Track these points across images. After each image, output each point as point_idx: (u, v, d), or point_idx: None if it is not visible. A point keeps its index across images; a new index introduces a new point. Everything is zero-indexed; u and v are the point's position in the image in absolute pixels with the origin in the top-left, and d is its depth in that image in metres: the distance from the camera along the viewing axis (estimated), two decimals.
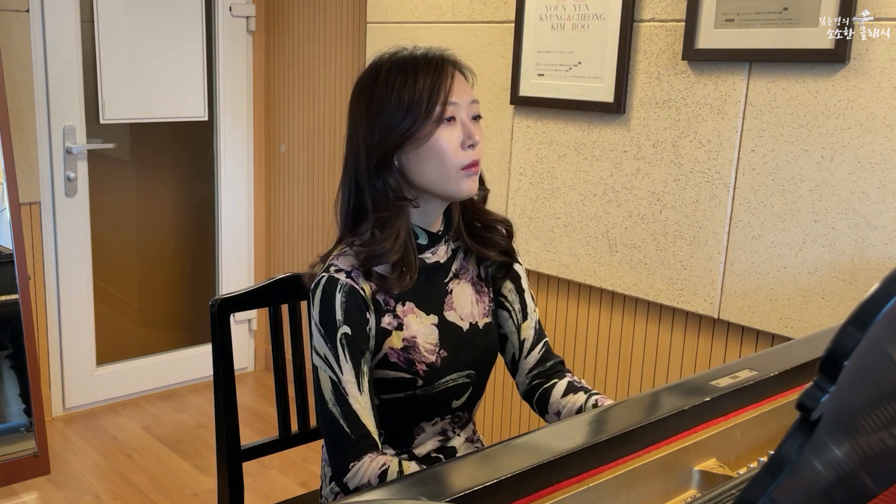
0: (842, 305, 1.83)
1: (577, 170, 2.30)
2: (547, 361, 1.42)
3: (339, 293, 1.22)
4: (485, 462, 0.94)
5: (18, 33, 2.86)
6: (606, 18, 2.17)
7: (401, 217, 1.26)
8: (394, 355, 1.27)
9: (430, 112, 1.21)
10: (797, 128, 1.86)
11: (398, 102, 1.22)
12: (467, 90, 1.27)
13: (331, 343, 1.22)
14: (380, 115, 1.23)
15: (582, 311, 2.38)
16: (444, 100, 1.22)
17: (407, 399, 1.30)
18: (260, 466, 2.83)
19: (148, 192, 3.56)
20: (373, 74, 1.26)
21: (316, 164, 3.31)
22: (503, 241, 1.39)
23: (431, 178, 1.24)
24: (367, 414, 1.22)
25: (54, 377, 3.17)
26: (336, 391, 1.21)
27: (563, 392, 1.37)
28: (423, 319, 1.30)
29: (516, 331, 1.42)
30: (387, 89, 1.23)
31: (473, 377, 1.35)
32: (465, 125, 1.24)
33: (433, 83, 1.22)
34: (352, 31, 3.07)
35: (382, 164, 1.24)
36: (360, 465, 1.19)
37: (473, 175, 1.26)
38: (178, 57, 3.29)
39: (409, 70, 1.23)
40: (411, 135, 1.22)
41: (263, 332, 3.70)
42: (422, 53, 1.25)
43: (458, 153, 1.23)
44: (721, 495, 0.90)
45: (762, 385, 1.14)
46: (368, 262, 1.23)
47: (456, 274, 1.36)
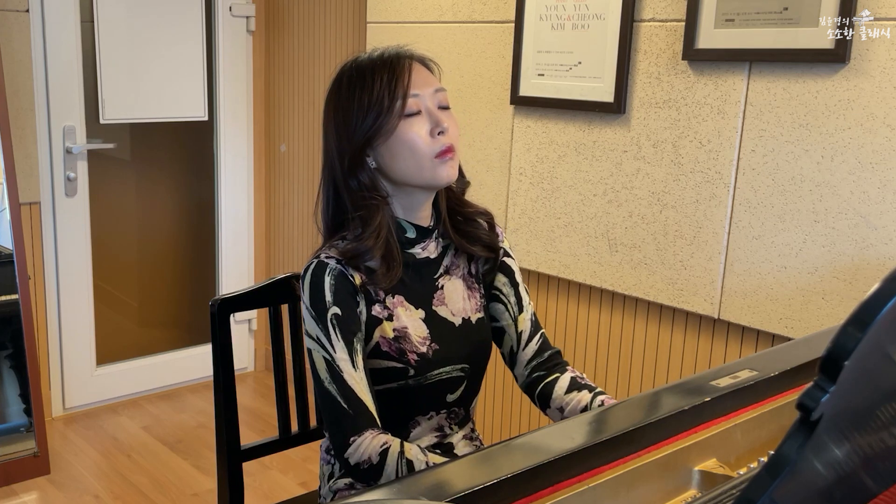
0: (842, 305, 1.83)
1: (577, 170, 2.30)
2: (545, 352, 1.44)
3: (328, 276, 1.25)
4: (485, 462, 0.94)
5: (18, 33, 2.86)
6: (606, 18, 2.17)
7: (378, 213, 1.28)
8: (385, 344, 1.29)
9: (391, 108, 1.24)
10: (797, 128, 1.86)
11: (359, 105, 1.25)
12: (430, 80, 1.29)
13: (322, 324, 1.24)
14: (346, 119, 1.27)
15: (582, 311, 2.38)
16: (404, 93, 1.25)
17: (400, 390, 1.31)
18: (260, 466, 2.83)
19: (148, 192, 3.56)
20: (336, 84, 1.31)
21: (316, 164, 3.31)
22: (485, 234, 1.41)
23: (407, 171, 1.27)
24: (363, 389, 1.23)
25: (54, 377, 3.17)
26: (331, 370, 1.23)
27: (566, 388, 1.37)
28: (411, 313, 1.32)
29: (513, 323, 1.43)
30: (349, 95, 1.27)
31: (468, 371, 1.37)
32: (431, 113, 1.27)
33: (390, 80, 1.25)
34: (352, 31, 3.07)
35: (355, 164, 1.28)
36: (360, 441, 1.20)
37: (450, 161, 1.27)
38: (178, 57, 3.29)
39: (367, 73, 1.26)
40: (375, 132, 1.25)
41: (263, 332, 3.70)
42: (378, 55, 1.29)
43: (428, 142, 1.25)
44: (721, 495, 0.90)
45: (762, 385, 1.14)
46: (354, 260, 1.26)
47: (447, 270, 1.38)
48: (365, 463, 1.19)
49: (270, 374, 2.91)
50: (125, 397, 3.39)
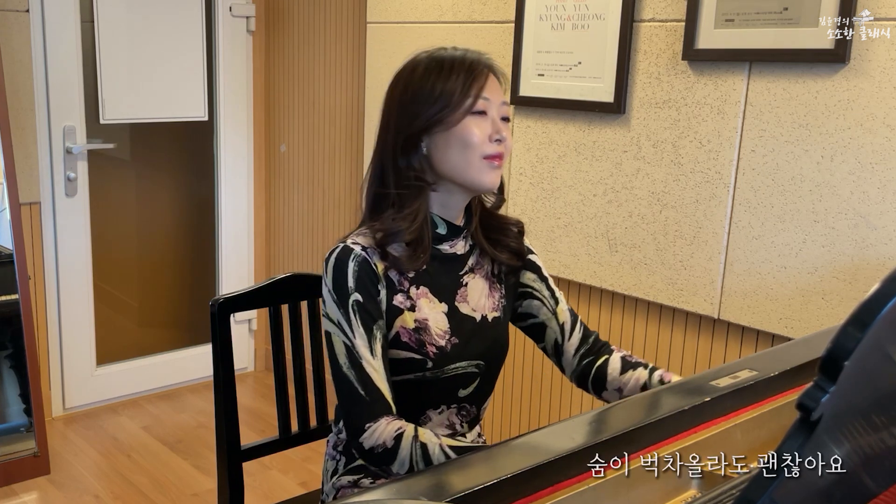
0: (842, 305, 1.83)
1: (577, 170, 2.30)
2: (588, 338, 1.46)
3: (351, 262, 1.27)
4: (485, 462, 0.94)
5: (18, 33, 2.86)
6: (606, 18, 2.17)
7: (420, 199, 1.31)
8: (405, 335, 1.30)
9: (461, 103, 1.27)
10: (797, 128, 1.86)
11: (431, 91, 1.28)
12: (499, 92, 1.33)
13: (343, 309, 1.26)
14: (414, 100, 1.29)
15: (582, 311, 2.38)
16: (477, 93, 1.28)
17: (415, 382, 1.32)
18: (260, 466, 2.83)
19: (148, 192, 3.56)
20: (410, 67, 1.33)
21: (316, 164, 3.31)
22: (514, 241, 1.43)
23: (455, 165, 1.29)
24: (380, 377, 1.25)
25: (54, 377, 3.17)
26: (350, 355, 1.25)
27: (620, 369, 1.39)
28: (434, 305, 1.33)
29: (553, 316, 1.45)
30: (423, 78, 1.29)
31: (482, 368, 1.38)
32: (494, 121, 1.30)
33: (467, 77, 1.28)
34: (352, 31, 3.07)
35: (409, 145, 1.30)
36: (376, 427, 1.21)
37: (497, 168, 1.30)
38: (178, 57, 3.29)
39: (446, 65, 1.29)
40: (438, 120, 1.28)
41: (263, 332, 3.70)
42: (461, 53, 1.32)
43: (484, 143, 1.28)
44: (721, 495, 0.90)
45: (762, 385, 1.14)
46: (384, 239, 1.28)
47: (472, 268, 1.40)
48: (379, 447, 1.20)
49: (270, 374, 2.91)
50: (125, 397, 3.39)
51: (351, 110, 3.11)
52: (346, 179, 3.16)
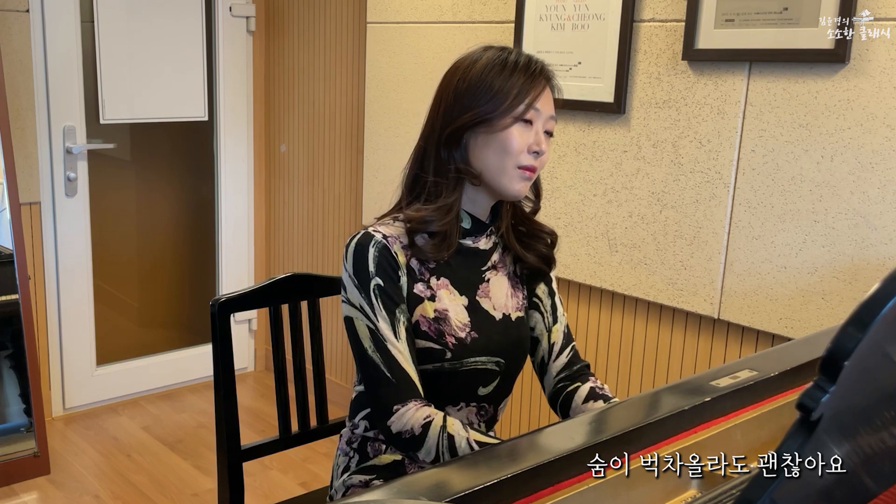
0: (842, 305, 1.83)
1: (577, 170, 2.30)
2: (574, 365, 1.45)
3: (372, 248, 1.27)
4: (485, 462, 0.94)
5: (18, 33, 2.86)
6: (606, 18, 2.17)
7: (456, 192, 1.32)
8: (425, 324, 1.30)
9: (513, 107, 1.27)
10: (797, 128, 1.86)
11: (488, 88, 1.28)
12: (551, 105, 1.33)
13: (364, 293, 1.26)
14: (467, 93, 1.29)
15: (582, 311, 2.38)
16: (531, 102, 1.28)
17: (435, 374, 1.32)
18: (260, 466, 2.83)
19: (148, 192, 3.56)
20: (473, 58, 1.33)
21: (316, 164, 3.31)
22: (545, 248, 1.44)
23: (489, 166, 1.30)
24: (406, 360, 1.25)
25: (54, 377, 3.17)
26: (374, 338, 1.25)
27: (584, 397, 1.39)
28: (455, 298, 1.33)
29: (547, 333, 1.45)
30: (481, 74, 1.29)
31: (502, 366, 1.38)
32: (538, 133, 1.30)
33: (525, 83, 1.28)
34: (352, 31, 3.07)
35: (452, 137, 1.30)
36: (405, 410, 1.22)
37: (528, 179, 1.31)
38: (178, 57, 3.29)
39: (509, 65, 1.29)
40: (487, 120, 1.28)
41: (263, 332, 3.70)
42: (525, 59, 1.32)
43: (522, 152, 1.29)
44: (721, 495, 0.90)
45: (762, 385, 1.14)
46: (413, 227, 1.29)
47: (494, 265, 1.40)
48: (407, 433, 1.21)
49: (270, 374, 2.92)
50: (125, 397, 3.39)
51: (351, 110, 3.11)
52: (346, 179, 3.16)
